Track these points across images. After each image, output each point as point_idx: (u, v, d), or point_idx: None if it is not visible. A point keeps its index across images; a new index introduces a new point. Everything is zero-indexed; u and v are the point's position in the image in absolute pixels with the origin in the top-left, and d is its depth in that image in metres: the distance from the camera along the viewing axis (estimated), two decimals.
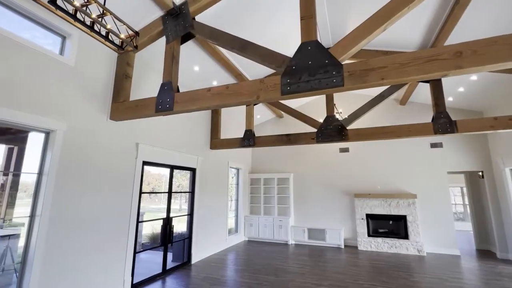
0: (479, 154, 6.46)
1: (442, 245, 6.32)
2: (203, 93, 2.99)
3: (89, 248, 3.33)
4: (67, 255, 3.06)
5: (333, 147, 7.82)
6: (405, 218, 6.55)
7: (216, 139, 6.38)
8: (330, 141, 5.09)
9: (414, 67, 2.18)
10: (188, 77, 5.27)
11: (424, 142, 6.90)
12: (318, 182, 7.79)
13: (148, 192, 6.06)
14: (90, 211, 3.36)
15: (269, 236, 7.60)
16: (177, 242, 5.30)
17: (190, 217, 5.54)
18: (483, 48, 2.01)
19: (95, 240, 3.41)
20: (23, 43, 2.78)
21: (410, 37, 4.68)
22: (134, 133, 4.16)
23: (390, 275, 4.69)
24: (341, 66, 2.39)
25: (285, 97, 2.60)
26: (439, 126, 4.45)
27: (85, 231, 3.29)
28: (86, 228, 3.31)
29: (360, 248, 6.69)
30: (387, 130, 4.81)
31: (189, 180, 5.79)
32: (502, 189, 5.91)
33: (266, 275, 4.64)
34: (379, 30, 2.39)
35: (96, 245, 3.42)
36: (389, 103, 7.43)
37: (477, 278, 4.58)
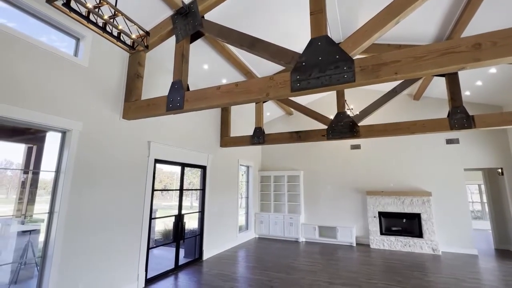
0: (498, 150, 6.20)
1: (458, 244, 6.13)
2: (213, 91, 3.00)
3: (104, 243, 3.43)
4: (84, 250, 3.17)
5: (344, 144, 7.70)
6: (419, 216, 6.39)
7: (226, 137, 6.41)
8: (341, 138, 5.02)
9: (429, 60, 2.11)
10: (198, 76, 5.31)
11: (440, 138, 6.69)
12: (328, 179, 7.71)
13: (160, 189, 6.19)
14: (104, 208, 3.46)
15: (279, 233, 7.61)
16: (189, 238, 5.38)
17: (201, 214, 5.61)
18: (504, 40, 1.92)
19: (110, 235, 3.51)
20: (41, 46, 2.87)
21: (424, 30, 4.53)
22: (146, 132, 4.24)
23: (404, 274, 4.60)
24: (352, 61, 2.34)
25: (295, 93, 2.57)
26: (455, 121, 4.29)
27: (100, 227, 3.40)
28: (101, 224, 3.41)
29: (372, 247, 6.59)
30: (400, 126, 4.69)
31: (199, 178, 5.85)
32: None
33: (277, 272, 4.65)
34: (392, 23, 2.32)
35: (111, 240, 3.52)
36: (402, 99, 7.23)
37: (496, 278, 4.42)
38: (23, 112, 2.70)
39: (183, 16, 3.49)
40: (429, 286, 4.06)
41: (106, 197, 3.49)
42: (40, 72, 2.87)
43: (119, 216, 3.66)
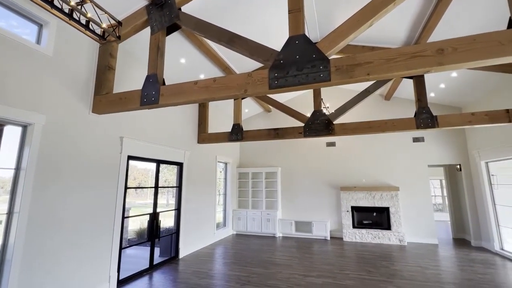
0: (457, 148, 6.76)
1: (422, 235, 6.62)
2: (190, 86, 2.93)
3: (72, 245, 3.24)
4: (49, 253, 2.97)
5: (320, 141, 7.93)
6: (388, 209, 6.80)
7: (203, 133, 6.31)
8: (317, 135, 5.16)
9: (399, 63, 2.23)
10: (174, 70, 5.15)
11: (407, 137, 7.13)
12: (305, 175, 7.91)
13: (134, 187, 5.94)
14: (72, 208, 3.26)
15: (257, 229, 7.68)
16: (165, 237, 5.25)
17: (178, 212, 5.50)
18: (463, 46, 2.08)
19: (79, 237, 3.32)
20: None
21: (396, 33, 4.78)
22: (118, 127, 4.04)
23: (374, 264, 4.88)
24: (328, 61, 2.40)
25: (272, 91, 2.59)
26: (421, 121, 4.60)
27: (68, 228, 3.19)
28: (69, 225, 3.21)
29: (345, 240, 6.89)
30: (372, 124, 4.92)
31: (176, 175, 5.72)
32: (477, 181, 6.23)
33: (255, 268, 4.71)
34: (366, 25, 2.41)
35: (79, 242, 3.33)
36: (374, 98, 7.59)
37: (453, 265, 4.84)
38: None
39: (159, 7, 3.35)
40: (396, 274, 4.35)
41: (74, 196, 3.28)
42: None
43: (89, 216, 3.47)
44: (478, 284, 3.91)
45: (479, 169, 6.09)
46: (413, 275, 4.31)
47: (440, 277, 4.22)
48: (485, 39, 2.03)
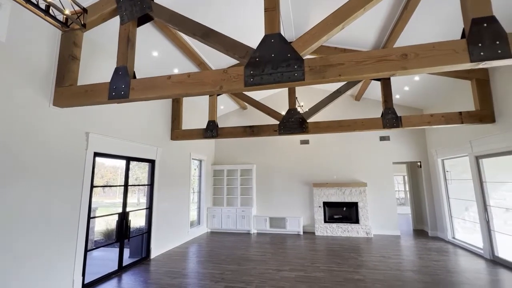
0: (418, 146, 7.33)
1: (386, 228, 7.10)
2: (163, 81, 2.83)
3: (31, 249, 2.98)
4: (5, 257, 2.70)
5: (294, 139, 8.12)
6: (357, 204, 7.18)
7: (177, 129, 6.14)
8: (291, 133, 5.27)
9: (367, 65, 2.35)
10: (146, 63, 4.94)
11: (375, 136, 7.57)
12: (280, 172, 8.05)
13: (101, 185, 5.61)
14: (29, 208, 3.00)
15: (232, 226, 7.69)
16: (135, 237, 5.05)
17: (149, 211, 5.31)
18: (424, 52, 2.25)
19: (39, 240, 3.07)
20: None
21: (366, 37, 5.02)
22: (83, 122, 3.78)
23: (343, 256, 5.14)
24: (302, 61, 2.46)
25: (248, 88, 2.60)
26: (387, 121, 4.91)
27: (26, 230, 2.93)
28: (27, 227, 2.95)
29: (317, 234, 7.16)
30: (343, 123, 5.15)
31: (147, 173, 5.50)
32: (435, 177, 6.82)
33: (229, 265, 4.71)
34: (337, 28, 2.51)
35: (40, 245, 3.07)
36: (345, 99, 7.93)
37: (413, 254, 5.27)
38: None
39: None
40: (363, 265, 4.62)
41: (34, 196, 3.02)
42: None
43: (49, 217, 3.22)
44: (433, 270, 4.30)
45: (436, 166, 6.67)
46: (377, 264, 4.62)
47: (401, 265, 4.57)
48: (442, 47, 2.22)
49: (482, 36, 2.12)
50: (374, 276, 4.08)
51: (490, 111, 4.61)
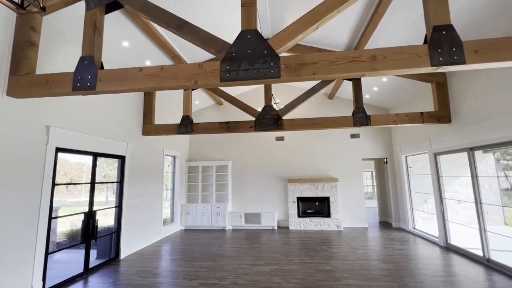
0: (385, 144, 7.80)
1: (355, 220, 7.50)
2: (134, 73, 2.70)
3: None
4: None
5: (270, 136, 8.21)
6: (329, 199, 7.48)
7: (149, 124, 5.90)
8: (267, 130, 5.32)
9: (340, 65, 2.44)
10: (116, 54, 4.66)
11: (346, 133, 7.92)
12: (255, 169, 8.11)
13: (65, 183, 5.21)
14: None
15: (206, 223, 7.61)
16: (103, 237, 4.79)
17: (119, 209, 5.07)
18: (392, 55, 2.39)
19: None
20: None
21: (339, 38, 5.20)
22: (43, 114, 3.48)
23: (315, 249, 5.34)
24: (278, 58, 2.49)
25: (224, 84, 2.57)
26: (357, 119, 5.15)
27: None
28: None
29: (291, 228, 7.35)
30: (316, 121, 5.31)
31: (117, 169, 5.23)
32: (399, 172, 7.32)
33: (203, 262, 4.67)
34: (312, 28, 2.57)
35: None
36: (319, 97, 8.18)
37: (378, 244, 5.64)
38: None
39: None
40: (333, 256, 4.85)
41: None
42: None
43: (4, 218, 2.93)
44: (395, 258, 4.65)
45: (400, 162, 7.16)
46: (346, 255, 4.87)
47: (367, 255, 4.87)
48: (407, 51, 2.37)
49: (442, 42, 2.30)
50: (343, 266, 4.30)
51: (447, 112, 5.05)
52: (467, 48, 2.26)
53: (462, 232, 5.15)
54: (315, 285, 3.58)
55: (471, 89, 4.50)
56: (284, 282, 3.72)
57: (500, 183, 4.85)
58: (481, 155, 4.67)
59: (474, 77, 4.43)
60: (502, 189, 4.95)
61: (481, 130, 4.24)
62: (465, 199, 5.07)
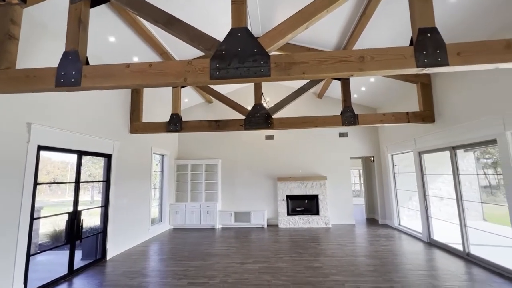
0: (372, 143, 7.98)
1: (343, 218, 7.65)
2: (121, 69, 2.63)
3: None
4: None
5: (259, 134, 8.22)
6: (317, 197, 7.59)
7: (137, 122, 5.78)
8: (257, 128, 5.33)
9: (329, 65, 2.47)
10: (102, 49, 4.53)
11: (335, 132, 8.04)
12: (245, 167, 8.11)
13: (48, 183, 5.03)
14: None
15: (196, 222, 7.55)
16: (88, 237, 4.67)
17: (105, 209, 4.95)
18: (379, 56, 2.44)
19: None
20: None
21: (328, 38, 5.26)
22: (25, 111, 3.34)
23: (304, 246, 5.41)
24: (268, 57, 2.49)
25: (214, 82, 2.55)
26: (346, 118, 5.24)
27: None
28: None
29: (280, 226, 7.41)
30: (306, 120, 5.36)
31: (103, 168, 5.10)
32: (385, 171, 7.51)
33: (192, 261, 4.64)
34: (302, 27, 2.58)
35: None
36: (309, 96, 8.26)
37: (365, 241, 5.77)
38: None
39: None
40: (321, 253, 4.93)
41: None
42: None
43: None
44: (382, 254, 4.77)
45: (387, 161, 7.35)
46: (334, 252, 4.97)
47: (355, 251, 4.97)
48: (394, 52, 2.43)
49: (426, 44, 2.37)
50: (332, 263, 4.38)
51: (431, 112, 5.21)
52: (450, 51, 2.34)
53: (444, 228, 5.35)
54: (304, 282, 3.63)
55: (454, 90, 4.67)
56: (274, 279, 3.75)
57: (480, 181, 5.06)
58: (462, 154, 4.86)
59: (456, 79, 4.60)
60: (481, 187, 5.17)
61: (463, 130, 4.41)
62: (447, 196, 5.27)
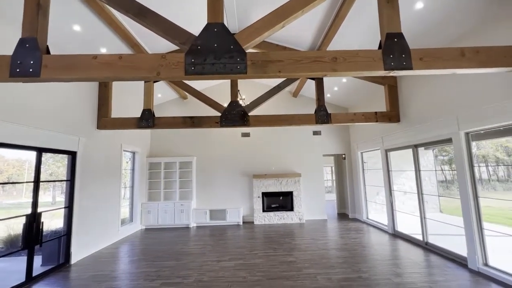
0: (343, 141, 8.34)
1: (316, 213, 7.92)
2: (87, 60, 2.45)
3: None
4: None
5: (235, 132, 8.19)
6: (292, 193, 7.77)
7: (105, 117, 5.45)
8: (233, 125, 5.30)
9: (304, 64, 2.53)
10: (65, 38, 4.19)
11: (309, 130, 8.27)
12: (221, 165, 8.04)
13: (0, 183, 4.54)
14: None
15: (169, 221, 7.35)
16: (50, 241, 4.33)
17: (69, 210, 4.62)
18: (350, 57, 2.55)
19: None
20: None
21: (304, 38, 5.37)
22: None
23: (279, 242, 5.52)
24: (245, 54, 2.48)
25: (189, 77, 2.48)
26: (319, 117, 5.41)
27: None
28: None
29: (256, 223, 7.48)
30: (282, 118, 5.45)
31: (67, 167, 4.75)
32: (355, 167, 7.90)
33: (166, 261, 4.51)
34: (279, 26, 2.61)
35: None
36: (284, 94, 8.39)
37: (336, 234, 6.04)
38: None
39: None
40: (295, 247, 5.06)
41: None
42: None
43: None
44: (351, 246, 5.03)
45: (357, 158, 7.73)
46: (307, 246, 5.13)
47: (327, 245, 5.19)
48: (364, 55, 2.55)
49: (393, 49, 2.53)
50: (305, 257, 4.53)
51: (397, 112, 5.57)
52: (414, 56, 2.52)
53: (407, 220, 5.78)
54: (279, 277, 3.71)
55: (417, 93, 5.03)
56: (249, 275, 3.79)
57: (437, 176, 5.53)
58: (423, 152, 5.27)
59: (419, 82, 4.96)
60: (439, 181, 5.65)
61: (423, 129, 4.78)
62: (410, 190, 5.69)
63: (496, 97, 3.37)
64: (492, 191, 4.90)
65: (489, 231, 3.76)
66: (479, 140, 3.97)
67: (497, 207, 3.92)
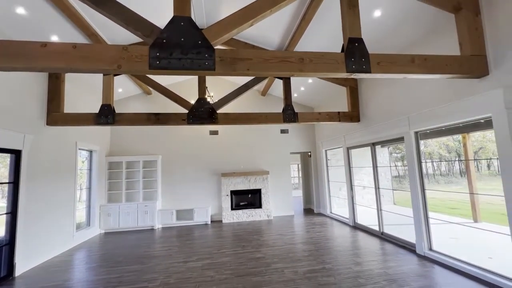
0: (309, 139, 8.68)
1: (283, 209, 8.14)
2: (35, 48, 2.20)
3: None
4: None
5: (203, 129, 8.03)
6: (260, 191, 7.87)
7: (56, 112, 4.94)
8: (201, 123, 5.19)
9: (272, 64, 2.58)
10: (6, 22, 3.70)
11: (277, 129, 8.45)
12: (188, 163, 7.83)
13: None
14: None
15: (132, 224, 6.95)
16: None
17: (12, 216, 4.11)
18: (316, 59, 2.67)
19: None
20: None
21: (272, 38, 5.45)
22: None
23: (247, 239, 5.56)
24: (213, 50, 2.45)
25: (153, 71, 2.37)
26: (286, 116, 5.56)
27: None
28: None
29: (224, 222, 7.44)
30: (250, 116, 5.48)
31: (9, 167, 4.21)
32: (320, 165, 8.28)
33: (129, 266, 4.27)
34: (247, 24, 2.62)
35: None
36: (253, 93, 8.44)
37: (302, 229, 6.28)
38: None
39: None
40: (264, 244, 5.15)
41: None
42: None
43: None
44: (316, 239, 5.28)
45: (321, 155, 8.11)
46: (275, 242, 5.26)
47: (293, 240, 5.37)
48: (329, 57, 2.69)
49: (355, 52, 2.70)
50: (273, 252, 4.63)
51: (357, 112, 5.96)
52: (372, 60, 2.72)
53: (365, 212, 6.24)
54: (247, 273, 3.74)
55: (375, 95, 5.44)
56: (217, 274, 3.76)
57: (392, 172, 6.05)
58: (380, 149, 5.73)
59: (377, 84, 5.36)
60: (393, 176, 6.19)
61: (380, 129, 5.19)
62: (368, 185, 6.15)
63: (440, 100, 3.79)
64: (436, 184, 5.52)
65: (433, 220, 4.24)
66: (426, 139, 4.44)
67: (439, 198, 4.43)
